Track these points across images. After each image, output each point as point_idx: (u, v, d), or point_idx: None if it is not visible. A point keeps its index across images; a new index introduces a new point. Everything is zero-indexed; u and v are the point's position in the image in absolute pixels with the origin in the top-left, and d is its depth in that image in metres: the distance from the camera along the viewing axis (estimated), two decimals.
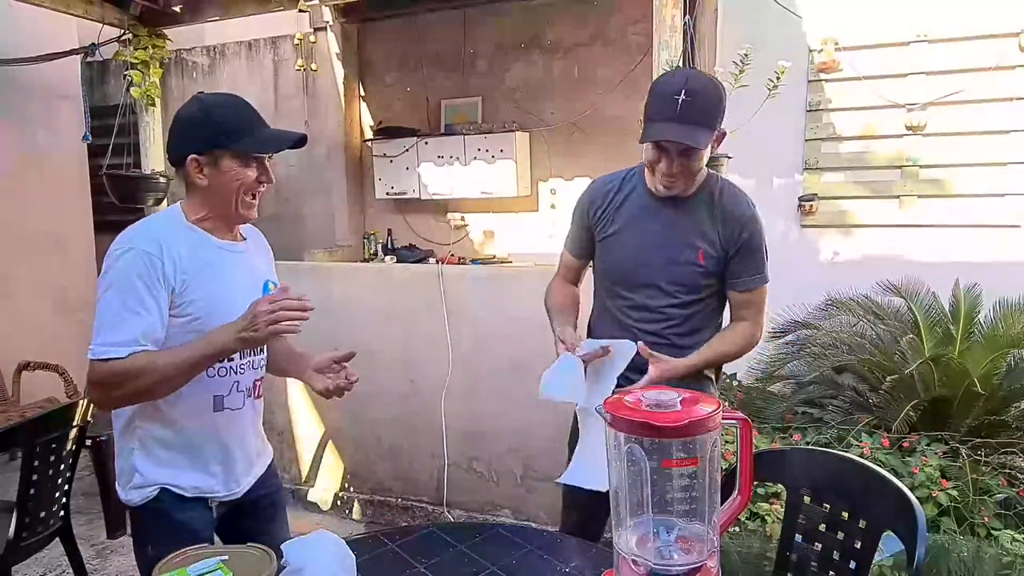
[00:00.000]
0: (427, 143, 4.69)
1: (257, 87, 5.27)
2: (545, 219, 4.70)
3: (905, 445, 2.84)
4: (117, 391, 1.41)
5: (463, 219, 5.00)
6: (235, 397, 1.58)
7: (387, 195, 4.89)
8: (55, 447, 2.17)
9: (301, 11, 3.57)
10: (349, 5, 4.20)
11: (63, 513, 2.31)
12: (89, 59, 4.13)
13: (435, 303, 3.21)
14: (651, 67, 2.55)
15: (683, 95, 1.61)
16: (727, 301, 1.89)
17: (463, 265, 4.49)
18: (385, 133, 4.89)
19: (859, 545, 1.46)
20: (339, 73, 4.90)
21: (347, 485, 3.53)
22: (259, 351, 1.64)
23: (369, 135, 5.10)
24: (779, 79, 2.48)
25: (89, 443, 2.95)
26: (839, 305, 3.66)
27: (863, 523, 1.47)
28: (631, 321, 1.86)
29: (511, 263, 4.62)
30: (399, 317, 3.31)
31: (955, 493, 2.57)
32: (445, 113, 4.90)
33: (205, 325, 1.46)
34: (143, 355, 1.39)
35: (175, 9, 3.74)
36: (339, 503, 3.52)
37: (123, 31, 3.85)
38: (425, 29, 4.85)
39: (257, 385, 1.66)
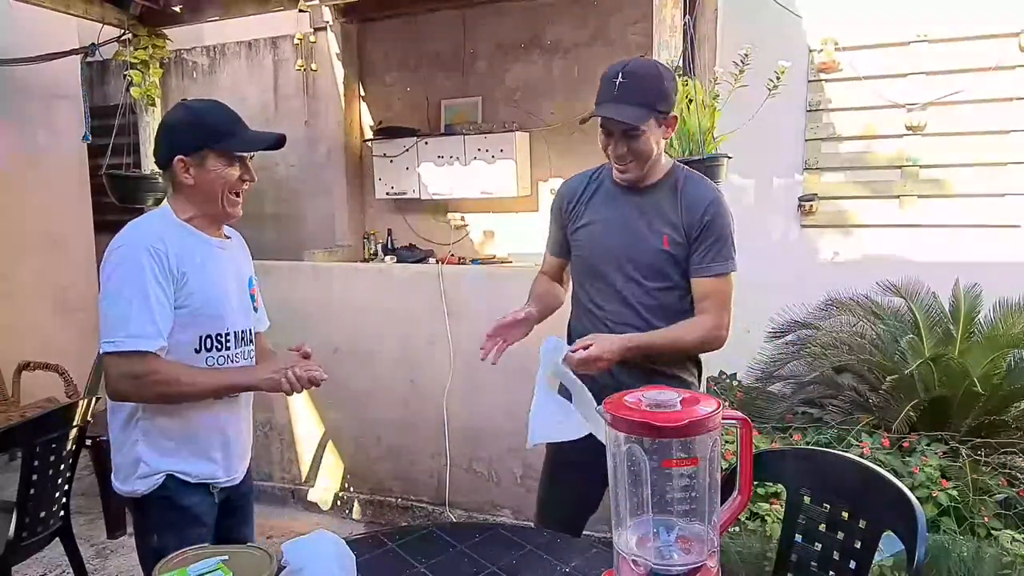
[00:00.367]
0: (427, 143, 4.69)
1: (257, 87, 5.27)
2: (545, 219, 4.67)
3: (905, 445, 2.84)
4: (148, 390, 1.50)
5: (463, 219, 5.00)
6: None
7: (387, 195, 4.89)
8: (55, 447, 2.17)
9: (301, 11, 3.58)
10: (349, 5, 4.20)
11: (63, 513, 2.31)
12: (89, 59, 4.15)
13: (435, 303, 3.21)
14: None
15: (620, 77, 1.68)
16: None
17: (463, 265, 4.49)
18: (385, 133, 4.89)
19: (859, 545, 1.46)
20: (339, 73, 4.90)
21: (347, 485, 3.53)
22: (249, 341, 1.71)
23: (369, 135, 5.10)
24: (779, 79, 2.47)
25: (89, 443, 2.97)
26: (839, 305, 3.66)
27: (863, 523, 1.47)
28: (599, 311, 1.85)
29: (511, 263, 4.61)
30: (399, 317, 3.31)
31: (955, 493, 2.56)
32: (445, 113, 4.90)
33: (198, 317, 1.55)
34: (184, 369, 1.52)
35: (175, 9, 3.74)
36: (339, 503, 3.52)
37: (123, 31, 3.86)
38: (425, 29, 4.85)
39: None
